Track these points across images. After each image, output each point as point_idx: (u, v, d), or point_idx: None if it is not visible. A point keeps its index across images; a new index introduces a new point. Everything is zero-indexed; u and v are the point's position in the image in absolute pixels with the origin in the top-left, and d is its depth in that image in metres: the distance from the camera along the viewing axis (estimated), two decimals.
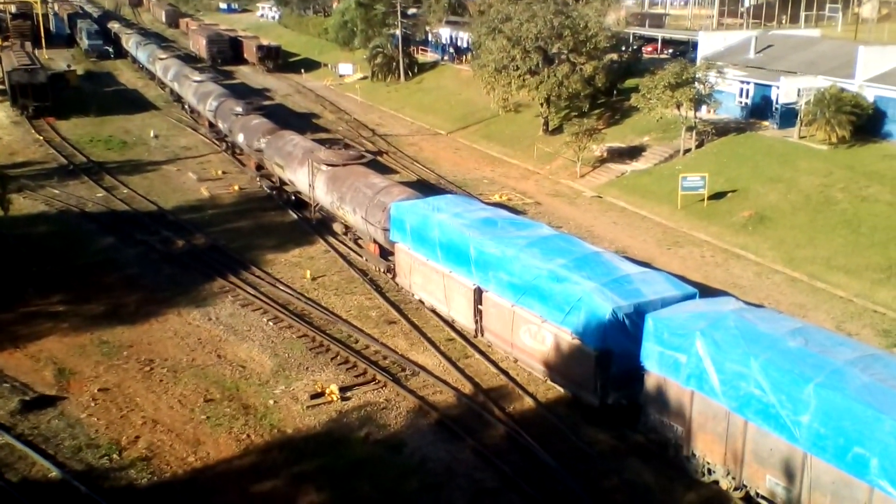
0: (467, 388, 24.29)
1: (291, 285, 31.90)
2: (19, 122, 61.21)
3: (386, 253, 32.35)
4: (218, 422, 22.50)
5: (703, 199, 39.44)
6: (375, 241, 32.68)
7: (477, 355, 26.24)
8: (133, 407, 23.21)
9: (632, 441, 21.42)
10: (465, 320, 27.45)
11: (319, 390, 23.89)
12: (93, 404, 23.28)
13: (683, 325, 20.12)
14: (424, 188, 41.27)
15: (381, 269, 32.77)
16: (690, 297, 22.73)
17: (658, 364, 20.47)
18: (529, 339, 24.27)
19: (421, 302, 29.88)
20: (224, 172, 48.46)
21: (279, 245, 36.25)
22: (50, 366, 25.38)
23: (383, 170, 43.69)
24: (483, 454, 20.89)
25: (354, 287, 31.82)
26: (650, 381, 20.88)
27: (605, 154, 48.32)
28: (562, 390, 23.74)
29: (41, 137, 56.61)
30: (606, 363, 21.78)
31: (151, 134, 58.54)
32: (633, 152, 48.30)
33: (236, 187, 45.23)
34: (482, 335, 26.82)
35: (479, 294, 26.40)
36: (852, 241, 33.75)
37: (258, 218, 40.40)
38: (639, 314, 21.48)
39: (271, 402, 23.52)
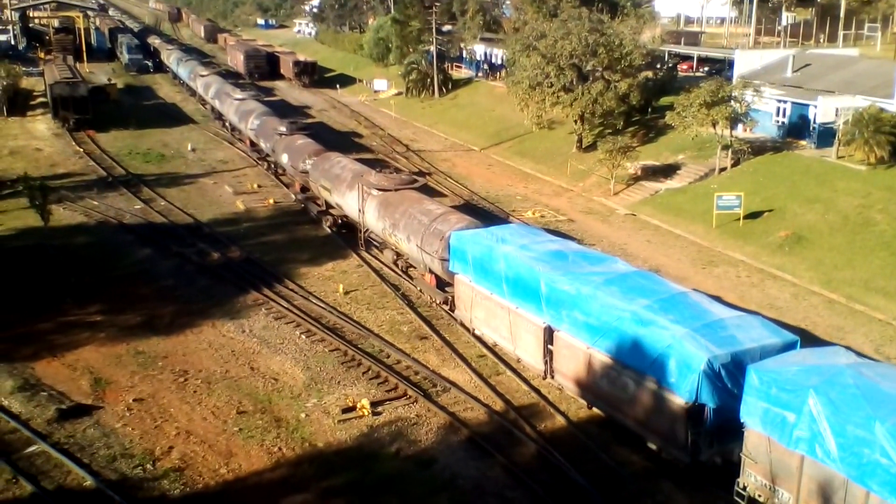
0: (498, 405, 24.22)
1: (324, 299, 32.07)
2: (60, 135, 62.42)
3: (443, 284, 30.73)
4: (250, 434, 22.64)
5: (739, 219, 39.08)
6: (431, 272, 31.06)
7: (508, 372, 26.16)
8: (167, 417, 23.44)
9: (664, 462, 21.21)
10: (533, 360, 25.51)
11: (351, 404, 23.94)
12: (128, 414, 23.55)
13: (794, 379, 18.18)
14: (472, 211, 41.01)
15: (437, 301, 30.97)
16: (791, 345, 20.77)
17: (762, 421, 18.51)
18: (607, 386, 22.39)
19: (477, 338, 28.21)
20: (260, 186, 48.96)
21: (313, 259, 36.49)
22: (86, 375, 25.74)
23: (429, 192, 43.29)
24: (514, 472, 20.78)
25: (387, 302, 31.92)
26: (751, 440, 18.90)
27: (639, 172, 48.10)
28: (596, 410, 23.56)
29: (81, 150, 57.65)
30: (699, 417, 19.99)
31: (189, 147, 59.35)
32: (668, 170, 48.03)
33: (271, 201, 45.66)
34: (552, 377, 24.88)
35: (549, 333, 24.50)
36: (892, 263, 33.18)
37: (292, 231, 40.72)
38: (736, 364, 19.68)
39: (303, 415, 23.63)
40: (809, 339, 25.17)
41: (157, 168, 53.97)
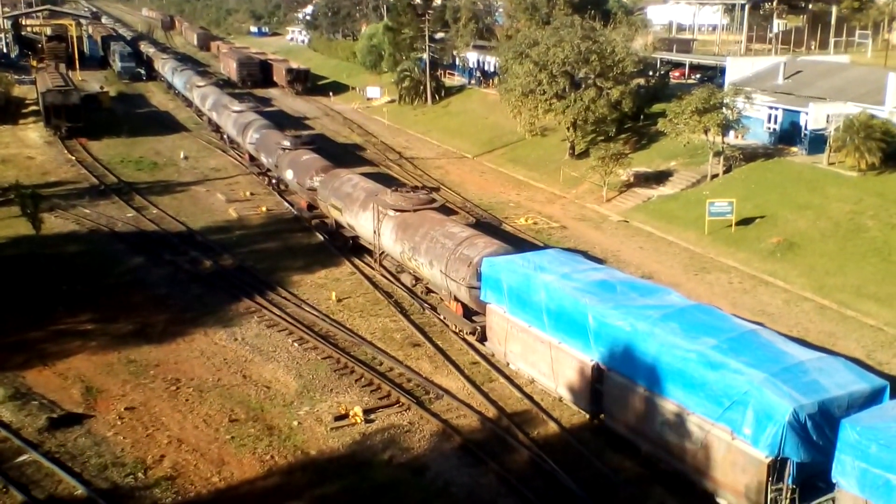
0: (491, 412, 24.19)
1: (317, 307, 32.02)
2: (52, 143, 62.27)
3: (469, 312, 29.08)
4: (242, 442, 22.57)
5: (731, 225, 39.20)
6: (457, 299, 29.40)
7: (501, 379, 26.15)
8: (159, 426, 23.35)
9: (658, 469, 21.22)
10: (577, 400, 23.86)
11: (343, 412, 23.90)
12: (119, 423, 23.45)
13: None
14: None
15: (465, 332, 28.89)
16: (880, 390, 19.07)
17: (858, 483, 16.94)
18: (669, 434, 20.69)
19: (502, 373, 26.43)
20: (252, 194, 48.89)
21: (305, 266, 36.44)
22: (78, 384, 25.62)
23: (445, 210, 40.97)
24: (507, 479, 20.76)
25: (379, 309, 31.89)
26: (845, 502, 17.44)
27: (631, 179, 48.24)
28: (586, 416, 23.57)
29: (73, 158, 57.53)
30: (781, 473, 18.27)
31: (181, 155, 59.25)
32: (660, 177, 48.17)
33: (264, 209, 45.61)
34: (600, 419, 23.30)
35: (598, 372, 22.94)
36: (883, 269, 33.32)
37: (285, 239, 40.67)
38: (822, 414, 18.03)
39: (295, 423, 23.57)
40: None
41: (149, 176, 53.87)
